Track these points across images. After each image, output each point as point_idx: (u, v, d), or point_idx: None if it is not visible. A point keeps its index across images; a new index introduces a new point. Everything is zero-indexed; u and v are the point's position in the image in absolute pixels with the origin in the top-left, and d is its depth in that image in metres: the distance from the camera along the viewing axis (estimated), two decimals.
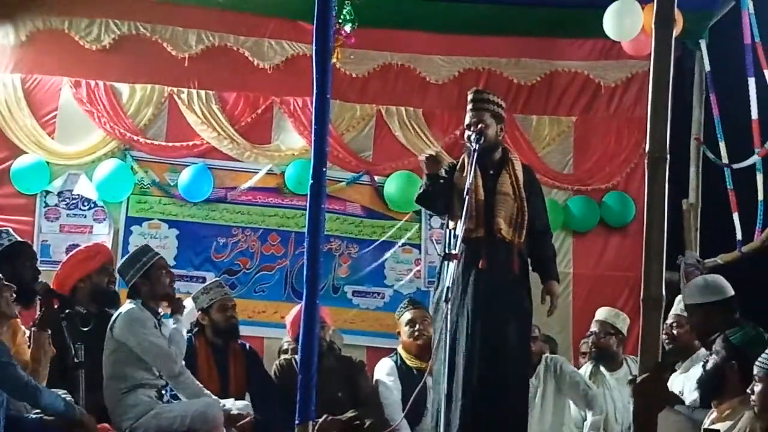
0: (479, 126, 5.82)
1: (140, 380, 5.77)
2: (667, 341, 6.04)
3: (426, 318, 6.62)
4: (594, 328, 6.96)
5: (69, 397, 5.39)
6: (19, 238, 5.89)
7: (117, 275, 6.50)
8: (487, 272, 5.73)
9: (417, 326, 6.68)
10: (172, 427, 5.63)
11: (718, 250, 8.03)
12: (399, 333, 6.91)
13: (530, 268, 5.96)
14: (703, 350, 5.59)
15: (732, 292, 5.63)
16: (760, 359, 4.44)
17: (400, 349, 6.83)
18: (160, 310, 6.04)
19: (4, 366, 4.95)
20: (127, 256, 6.12)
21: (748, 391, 4.52)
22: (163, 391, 5.87)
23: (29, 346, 5.48)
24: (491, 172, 5.87)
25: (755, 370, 4.46)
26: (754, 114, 7.45)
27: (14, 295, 5.24)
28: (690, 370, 5.82)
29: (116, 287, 6.54)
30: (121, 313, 5.86)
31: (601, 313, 7.04)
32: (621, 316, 7.01)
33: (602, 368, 6.91)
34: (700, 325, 5.61)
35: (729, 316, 5.55)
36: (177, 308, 6.05)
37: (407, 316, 6.78)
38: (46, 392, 5.11)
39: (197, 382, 5.90)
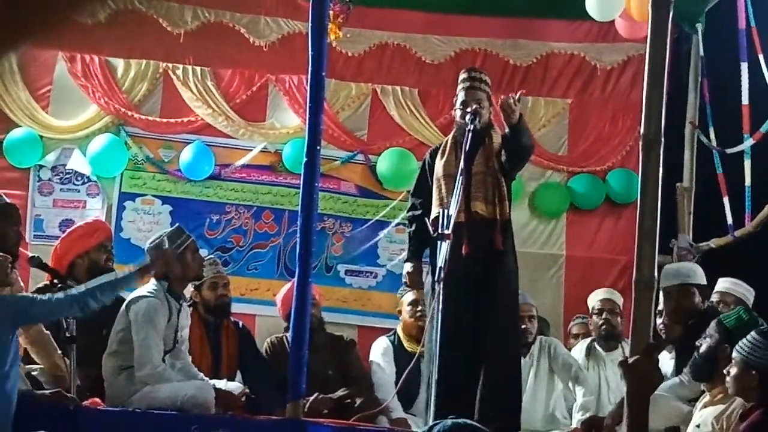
0: (474, 106, 5.83)
1: None
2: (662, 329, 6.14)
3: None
4: (599, 306, 6.98)
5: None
6: (8, 200, 5.90)
7: (114, 253, 6.53)
8: (471, 256, 5.75)
9: (420, 306, 6.67)
10: (162, 407, 5.64)
11: (711, 234, 8.04)
12: (399, 312, 6.91)
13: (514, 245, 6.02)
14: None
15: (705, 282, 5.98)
16: (739, 344, 4.45)
17: (399, 330, 6.83)
18: (186, 293, 6.08)
19: (39, 304, 5.03)
20: (158, 238, 6.06)
21: (724, 372, 4.54)
22: None
23: None
24: (469, 152, 5.86)
25: (733, 354, 4.48)
26: (745, 99, 7.45)
27: (11, 265, 5.25)
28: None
29: (113, 264, 6.53)
30: (142, 296, 5.83)
31: (604, 293, 7.07)
32: (617, 295, 7.08)
33: (599, 347, 6.94)
34: (681, 305, 5.87)
35: (700, 302, 5.86)
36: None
37: (410, 296, 6.75)
38: (91, 295, 5.14)
39: (172, 378, 5.84)
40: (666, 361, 5.97)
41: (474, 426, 2.84)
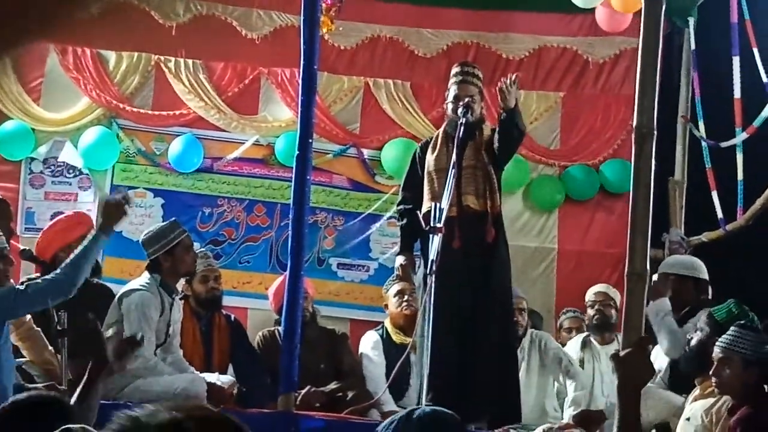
0: (467, 100, 5.83)
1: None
2: None
3: (415, 291, 6.62)
4: (593, 298, 7.03)
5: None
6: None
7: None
8: (462, 250, 5.75)
9: (406, 297, 6.68)
10: (154, 400, 5.62)
11: (702, 228, 8.05)
12: (386, 306, 6.91)
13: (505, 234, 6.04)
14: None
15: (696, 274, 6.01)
16: (731, 343, 4.43)
17: (387, 323, 6.83)
18: (178, 286, 6.07)
19: (21, 296, 5.01)
20: (153, 231, 6.04)
21: (711, 374, 4.53)
22: None
23: None
24: (460, 146, 5.86)
25: (717, 351, 4.46)
26: (737, 93, 7.45)
27: (10, 267, 5.25)
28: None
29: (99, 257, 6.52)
30: (135, 289, 5.82)
31: (600, 287, 7.13)
32: (613, 290, 7.10)
33: (594, 341, 6.96)
34: (674, 295, 5.90)
35: (702, 296, 5.87)
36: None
37: (396, 287, 6.77)
38: (68, 273, 5.10)
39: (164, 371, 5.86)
40: (661, 354, 5.98)
41: (449, 415, 2.85)
